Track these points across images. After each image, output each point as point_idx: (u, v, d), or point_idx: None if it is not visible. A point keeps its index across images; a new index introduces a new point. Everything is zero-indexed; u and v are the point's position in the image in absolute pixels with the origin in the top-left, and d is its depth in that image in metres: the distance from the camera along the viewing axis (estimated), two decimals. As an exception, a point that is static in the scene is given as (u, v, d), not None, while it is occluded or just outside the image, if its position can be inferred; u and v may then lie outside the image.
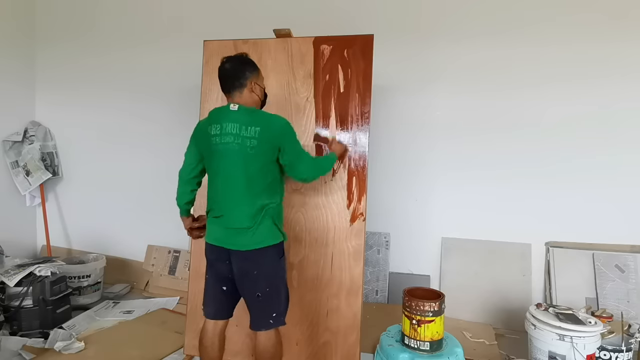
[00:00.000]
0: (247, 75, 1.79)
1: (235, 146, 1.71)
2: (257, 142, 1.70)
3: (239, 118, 1.73)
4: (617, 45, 2.76)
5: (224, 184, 1.77)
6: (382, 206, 3.17)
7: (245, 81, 1.78)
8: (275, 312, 1.80)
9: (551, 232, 2.94)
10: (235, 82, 1.78)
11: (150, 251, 3.64)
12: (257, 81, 1.83)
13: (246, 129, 1.70)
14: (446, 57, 3.04)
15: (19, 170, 3.64)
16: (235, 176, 1.74)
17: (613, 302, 2.72)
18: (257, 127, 1.71)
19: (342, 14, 3.16)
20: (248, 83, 1.79)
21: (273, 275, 1.79)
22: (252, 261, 1.75)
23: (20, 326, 2.63)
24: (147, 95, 3.63)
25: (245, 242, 1.74)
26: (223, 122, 1.75)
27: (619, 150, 2.79)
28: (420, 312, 1.86)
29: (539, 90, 2.89)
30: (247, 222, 1.73)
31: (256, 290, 1.77)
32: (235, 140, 1.71)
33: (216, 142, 1.76)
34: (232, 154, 1.72)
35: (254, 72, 1.82)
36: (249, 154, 1.71)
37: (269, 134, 1.71)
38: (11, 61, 3.68)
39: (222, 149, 1.74)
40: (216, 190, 1.81)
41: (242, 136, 1.70)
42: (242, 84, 1.78)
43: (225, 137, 1.73)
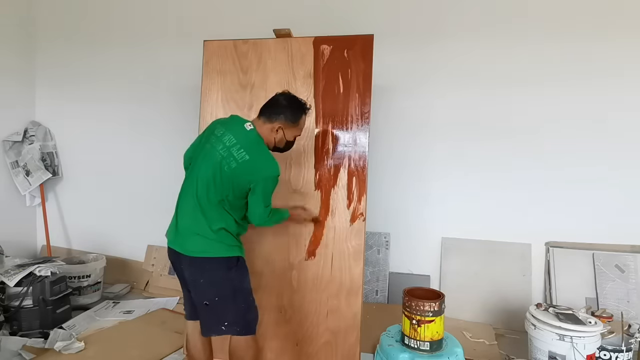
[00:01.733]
0: (280, 117, 1.79)
1: (218, 156, 1.72)
2: (235, 166, 1.69)
3: (242, 137, 1.74)
4: (618, 45, 2.75)
5: (191, 187, 1.77)
6: (382, 206, 3.17)
7: (275, 120, 1.79)
8: (227, 321, 1.75)
9: (551, 232, 2.94)
10: (266, 111, 1.80)
11: (150, 251, 3.64)
12: (284, 128, 1.81)
13: (237, 150, 1.70)
14: (446, 57, 3.03)
15: (19, 170, 3.64)
16: (203, 183, 1.73)
17: (613, 302, 2.72)
18: (247, 157, 1.70)
19: (342, 14, 3.16)
20: (275, 123, 1.79)
21: (222, 285, 1.74)
22: (198, 268, 1.72)
23: (20, 326, 2.63)
24: (147, 96, 3.63)
25: (193, 248, 1.72)
26: (229, 130, 1.76)
27: (620, 151, 2.79)
28: (420, 312, 1.86)
29: (540, 90, 2.89)
30: (199, 230, 1.71)
31: (203, 298, 1.75)
32: (222, 151, 1.72)
33: (210, 142, 1.78)
34: (212, 160, 1.73)
35: (289, 119, 1.80)
36: (224, 170, 1.70)
37: (249, 169, 1.70)
38: (11, 61, 3.68)
39: (208, 152, 1.76)
40: (184, 190, 1.83)
41: (230, 152, 1.71)
42: (270, 119, 1.79)
43: (218, 143, 1.75)
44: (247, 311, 1.80)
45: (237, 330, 1.77)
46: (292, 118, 1.81)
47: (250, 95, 2.34)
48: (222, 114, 2.36)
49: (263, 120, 1.80)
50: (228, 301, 1.75)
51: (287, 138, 1.85)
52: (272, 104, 1.82)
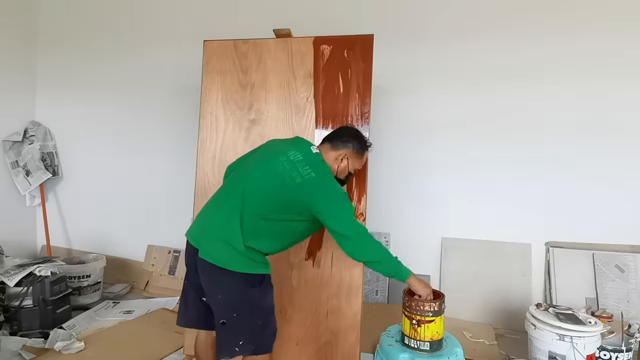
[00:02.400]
0: (348, 146, 1.79)
1: (280, 167, 1.63)
2: (300, 181, 1.59)
3: (308, 156, 1.68)
4: (619, 45, 2.75)
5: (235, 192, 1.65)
6: (382, 206, 3.17)
7: (342, 148, 1.78)
8: (242, 340, 1.63)
9: (551, 232, 2.94)
10: (334, 139, 1.80)
11: (150, 251, 3.64)
12: (350, 158, 1.80)
13: (303, 167, 1.62)
14: (447, 57, 3.03)
15: (19, 170, 3.64)
16: (255, 192, 1.62)
17: (613, 302, 2.72)
18: (313, 174, 1.61)
19: (342, 14, 3.17)
20: (342, 150, 1.78)
21: (241, 302, 1.63)
22: (216, 281, 1.62)
23: (20, 326, 2.63)
24: (147, 95, 3.63)
25: (215, 255, 1.59)
26: (293, 147, 1.71)
27: (620, 151, 2.79)
28: (420, 312, 1.86)
29: (540, 89, 2.89)
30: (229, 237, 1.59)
31: (220, 316, 1.64)
32: (285, 164, 1.64)
33: (268, 153, 1.72)
34: (272, 170, 1.64)
35: (356, 151, 1.80)
36: (285, 184, 1.60)
37: (314, 188, 1.60)
38: (11, 61, 3.68)
39: (267, 162, 1.68)
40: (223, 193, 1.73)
41: (295, 167, 1.62)
42: (336, 146, 1.78)
43: (280, 155, 1.67)
44: (263, 328, 1.69)
45: (252, 349, 1.66)
46: (359, 149, 1.82)
47: (250, 95, 2.34)
48: (222, 114, 2.36)
49: (329, 147, 1.79)
50: (246, 319, 1.64)
51: (350, 169, 1.83)
52: (339, 133, 1.83)
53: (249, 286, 1.63)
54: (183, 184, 3.37)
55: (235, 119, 2.35)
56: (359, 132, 1.88)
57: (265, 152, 1.77)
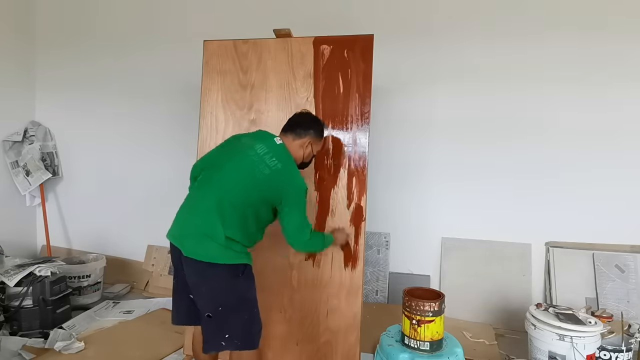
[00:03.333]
0: (309, 132, 1.87)
1: (250, 161, 1.72)
2: (269, 173, 1.70)
3: (273, 148, 1.76)
4: (620, 49, 2.75)
5: (212, 188, 1.72)
6: (382, 206, 3.17)
7: (305, 135, 1.86)
8: (228, 334, 1.66)
9: (551, 232, 2.94)
10: (295, 128, 1.87)
11: (150, 251, 3.64)
12: (313, 144, 1.90)
13: (270, 158, 1.72)
14: (447, 57, 3.04)
15: (19, 170, 3.64)
16: (231, 186, 1.69)
17: (613, 302, 2.72)
18: (279, 165, 1.72)
19: (342, 14, 3.17)
20: (306, 138, 1.86)
21: (226, 294, 1.67)
22: (201, 274, 1.66)
23: (20, 326, 2.63)
24: (146, 95, 3.63)
25: (198, 251, 1.64)
26: (258, 141, 1.79)
27: (619, 151, 2.79)
28: (420, 312, 1.86)
29: (540, 91, 2.89)
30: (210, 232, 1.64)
31: (206, 309, 1.68)
32: (254, 157, 1.73)
33: (237, 149, 1.78)
34: (244, 164, 1.72)
35: (317, 136, 1.90)
36: (256, 176, 1.69)
37: (282, 178, 1.72)
38: (11, 61, 3.68)
39: (238, 156, 1.75)
40: (199, 190, 1.78)
41: (262, 160, 1.72)
42: (300, 135, 1.86)
43: (248, 150, 1.75)
44: (250, 323, 1.72)
45: (237, 344, 1.68)
46: (319, 133, 1.92)
47: (250, 95, 2.34)
48: (222, 114, 2.36)
49: (292, 137, 1.86)
50: (232, 310, 1.68)
51: (313, 152, 1.94)
52: (298, 121, 1.90)
53: (233, 276, 1.68)
54: (183, 183, 3.34)
55: (235, 119, 2.35)
56: (315, 117, 1.98)
57: (234, 147, 1.82)
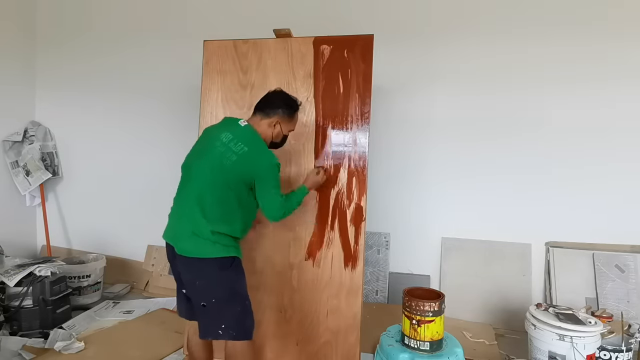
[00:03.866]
0: (278, 112, 1.85)
1: (216, 152, 1.74)
2: (236, 158, 1.71)
3: (237, 132, 1.77)
4: (620, 48, 2.75)
5: (190, 187, 1.77)
6: (382, 206, 3.17)
7: (273, 115, 1.85)
8: (224, 324, 1.72)
9: (551, 232, 2.94)
10: (264, 108, 1.85)
11: (150, 251, 3.64)
12: (282, 123, 1.88)
13: (235, 144, 1.73)
14: (447, 57, 3.04)
15: (19, 170, 3.64)
16: (204, 182, 1.73)
17: (613, 302, 2.72)
18: (245, 148, 1.73)
19: (342, 14, 3.17)
20: (274, 117, 1.85)
21: (218, 285, 1.72)
22: (193, 270, 1.72)
23: (20, 326, 2.63)
24: (147, 95, 3.63)
25: (188, 248, 1.72)
26: (223, 129, 1.80)
27: (619, 151, 2.79)
28: (420, 312, 1.86)
29: (540, 90, 2.89)
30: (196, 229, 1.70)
31: (200, 299, 1.74)
32: (220, 148, 1.74)
33: (204, 144, 1.82)
34: (211, 158, 1.74)
35: (286, 115, 1.87)
36: (224, 165, 1.71)
37: (250, 159, 1.73)
38: (11, 61, 3.68)
39: (205, 151, 1.78)
40: (181, 191, 1.84)
41: (228, 147, 1.73)
42: (267, 114, 1.85)
43: (214, 141, 1.77)
44: (243, 315, 1.77)
45: (233, 335, 1.73)
46: (289, 113, 1.89)
47: (250, 95, 2.34)
48: (222, 114, 2.36)
49: (260, 116, 1.86)
50: (225, 302, 1.73)
51: (284, 132, 1.92)
52: (267, 100, 1.89)
53: (223, 269, 1.72)
54: (183, 184, 3.36)
55: (235, 119, 2.35)
56: (287, 95, 1.92)
57: (203, 142, 1.86)
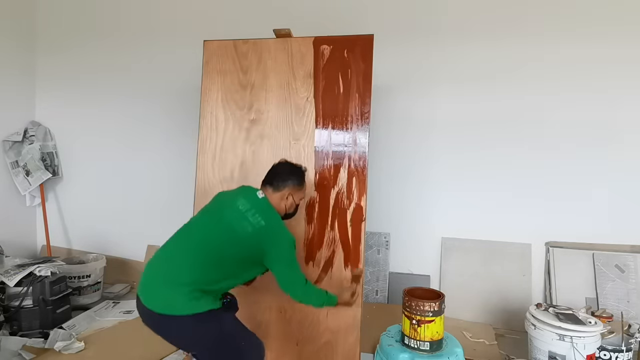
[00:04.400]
0: (288, 184, 1.84)
1: (231, 218, 1.69)
2: (252, 230, 1.66)
3: (255, 203, 1.74)
4: (619, 47, 2.76)
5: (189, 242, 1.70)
6: (382, 206, 3.17)
7: (284, 187, 1.84)
8: None
9: (551, 232, 2.94)
10: (273, 181, 1.85)
11: (150, 251, 3.63)
12: (293, 194, 1.87)
13: (252, 214, 1.69)
14: (447, 57, 3.04)
15: (19, 170, 3.64)
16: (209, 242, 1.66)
17: (613, 302, 2.72)
18: (263, 222, 1.68)
19: (342, 14, 3.17)
20: (285, 190, 1.84)
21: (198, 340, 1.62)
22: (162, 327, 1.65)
23: (20, 326, 2.63)
24: (147, 96, 3.63)
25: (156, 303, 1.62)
26: (240, 196, 1.77)
27: (619, 151, 2.79)
28: (420, 312, 1.86)
29: (540, 91, 2.90)
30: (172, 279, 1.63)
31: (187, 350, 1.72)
32: (235, 214, 1.70)
33: (218, 205, 1.79)
34: (224, 222, 1.69)
35: (296, 185, 1.87)
36: (236, 233, 1.66)
37: (267, 235, 1.68)
38: (11, 61, 3.68)
39: (219, 213, 1.74)
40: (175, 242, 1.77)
41: (245, 217, 1.69)
42: (277, 187, 1.84)
43: (229, 206, 1.73)
44: (244, 355, 1.68)
45: None
46: (298, 182, 1.88)
47: (250, 95, 2.34)
48: (222, 114, 2.36)
49: (272, 190, 1.84)
50: (213, 354, 1.66)
51: (296, 202, 1.92)
52: (275, 174, 1.88)
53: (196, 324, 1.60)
54: (183, 183, 3.37)
55: (235, 119, 2.35)
56: (293, 165, 1.92)
57: (215, 205, 1.82)
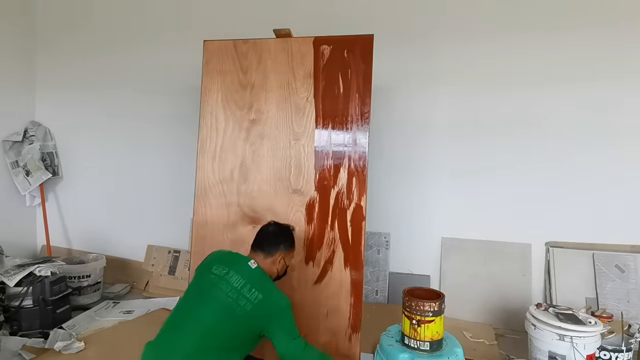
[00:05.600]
0: (280, 248, 1.83)
1: (226, 299, 1.63)
2: (251, 308, 1.62)
3: (249, 277, 1.69)
4: (620, 47, 2.75)
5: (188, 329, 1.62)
6: (382, 206, 3.17)
7: (276, 252, 1.82)
8: None
9: (551, 232, 2.94)
10: (266, 247, 1.82)
11: (150, 251, 3.63)
12: (285, 257, 1.86)
13: (249, 290, 1.65)
14: (447, 57, 3.04)
15: (19, 170, 3.64)
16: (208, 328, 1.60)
17: (613, 302, 2.72)
18: (260, 295, 1.65)
19: (342, 14, 3.16)
20: (276, 255, 1.82)
21: None
22: None
23: (20, 326, 2.63)
24: (146, 96, 3.63)
25: None
26: (233, 270, 1.71)
27: (619, 151, 2.79)
28: (420, 312, 1.86)
29: (540, 90, 2.89)
30: None
31: None
32: (230, 293, 1.64)
33: (210, 281, 1.69)
34: (220, 304, 1.63)
35: (288, 248, 1.87)
36: (237, 314, 1.61)
37: (266, 307, 1.65)
38: (11, 61, 3.68)
39: (212, 293, 1.66)
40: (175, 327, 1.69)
41: (241, 294, 1.64)
42: (270, 252, 1.82)
43: (223, 284, 1.67)
44: None
45: None
46: (290, 245, 1.88)
47: (250, 95, 2.34)
48: (222, 114, 2.36)
49: (263, 255, 1.82)
50: None
51: (289, 262, 1.91)
52: (266, 239, 1.85)
53: None
54: (183, 183, 3.37)
55: (235, 119, 2.35)
56: (282, 227, 1.91)
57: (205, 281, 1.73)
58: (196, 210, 2.36)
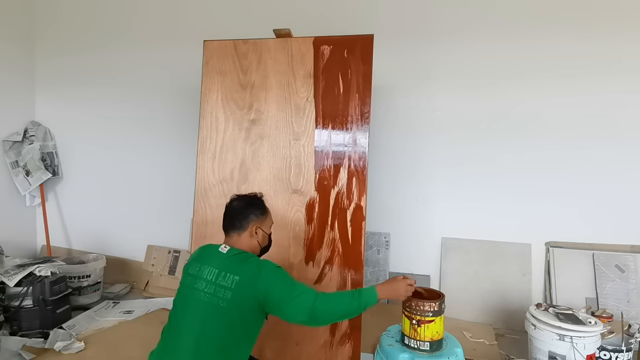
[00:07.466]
0: (251, 218, 1.68)
1: (204, 297, 1.51)
2: (232, 294, 1.48)
3: (222, 263, 1.55)
4: (618, 44, 2.75)
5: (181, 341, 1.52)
6: (382, 206, 3.17)
7: (248, 224, 1.67)
8: None
9: (551, 232, 2.94)
10: (236, 223, 1.67)
11: (150, 251, 3.64)
12: (261, 225, 1.70)
13: (224, 278, 1.51)
14: (447, 57, 3.04)
15: (19, 170, 3.64)
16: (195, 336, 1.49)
17: (613, 302, 2.72)
18: (237, 277, 1.49)
19: (342, 14, 3.17)
20: (250, 226, 1.67)
21: None
22: None
23: (20, 326, 2.63)
24: (147, 96, 3.64)
25: None
26: (204, 264, 1.59)
27: (619, 151, 2.79)
28: (420, 312, 1.86)
29: (540, 90, 2.89)
30: None
31: None
32: (206, 289, 1.51)
33: (189, 284, 1.59)
34: (198, 305, 1.52)
35: (259, 216, 1.70)
36: (219, 307, 1.48)
37: (248, 284, 1.49)
38: (11, 61, 3.68)
39: (189, 297, 1.56)
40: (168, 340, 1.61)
41: (218, 285, 1.50)
42: (243, 227, 1.67)
43: (198, 282, 1.55)
44: None
45: None
46: (260, 212, 1.73)
47: (250, 95, 2.34)
48: (222, 114, 2.36)
49: (237, 233, 1.67)
50: None
51: (267, 232, 1.76)
52: (233, 213, 1.70)
53: None
54: (183, 183, 3.37)
55: (235, 119, 2.35)
56: (246, 197, 1.75)
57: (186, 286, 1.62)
58: (196, 210, 2.36)
